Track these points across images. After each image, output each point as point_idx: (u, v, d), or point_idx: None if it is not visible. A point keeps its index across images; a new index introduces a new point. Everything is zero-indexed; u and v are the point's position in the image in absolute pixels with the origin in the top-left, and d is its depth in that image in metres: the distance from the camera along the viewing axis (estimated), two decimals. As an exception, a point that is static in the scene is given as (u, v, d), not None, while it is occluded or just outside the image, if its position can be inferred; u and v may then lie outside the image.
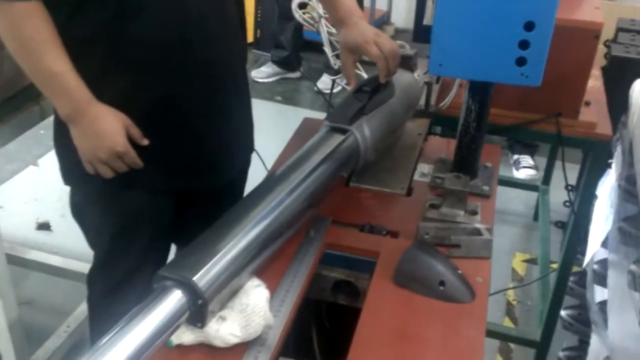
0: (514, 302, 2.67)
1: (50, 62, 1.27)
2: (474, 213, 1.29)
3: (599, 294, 1.96)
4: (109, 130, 1.33)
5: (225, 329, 0.98)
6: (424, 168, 1.49)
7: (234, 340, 0.98)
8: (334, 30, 1.77)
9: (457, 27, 1.15)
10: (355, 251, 1.24)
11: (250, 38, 4.94)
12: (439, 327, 1.08)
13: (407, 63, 1.49)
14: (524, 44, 1.13)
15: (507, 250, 2.94)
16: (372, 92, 1.36)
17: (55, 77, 1.29)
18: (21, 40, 1.26)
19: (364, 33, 1.43)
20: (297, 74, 4.49)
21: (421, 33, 2.29)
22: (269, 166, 1.54)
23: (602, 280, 1.93)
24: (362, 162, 1.32)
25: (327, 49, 1.76)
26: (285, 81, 4.52)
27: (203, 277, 0.93)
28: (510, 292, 2.71)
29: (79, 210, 1.54)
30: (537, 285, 2.61)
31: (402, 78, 1.44)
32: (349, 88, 1.45)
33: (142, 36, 1.31)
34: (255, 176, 1.52)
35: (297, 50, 4.39)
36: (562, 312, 2.27)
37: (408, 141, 1.52)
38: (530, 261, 2.90)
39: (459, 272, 1.15)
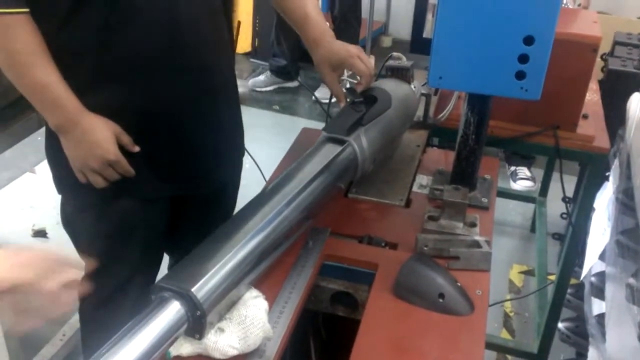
0: (511, 314, 2.67)
1: (39, 74, 1.27)
2: (473, 225, 1.29)
3: (597, 306, 1.96)
4: (101, 139, 1.33)
5: (224, 340, 0.98)
6: (423, 180, 1.49)
7: (233, 352, 0.98)
8: None
9: (458, 40, 1.16)
10: (354, 262, 1.24)
11: (248, 47, 4.95)
12: (439, 340, 1.08)
13: (404, 74, 1.49)
14: (523, 58, 1.14)
15: (505, 262, 2.94)
16: (369, 103, 1.36)
17: (45, 88, 1.28)
18: (9, 52, 1.25)
19: (346, 48, 1.46)
20: (295, 84, 4.49)
21: (418, 44, 2.30)
22: (267, 175, 1.54)
23: (599, 293, 1.93)
24: (360, 173, 1.32)
25: None
26: (283, 90, 4.53)
27: (202, 288, 0.93)
28: (508, 304, 2.70)
29: (70, 219, 1.53)
30: (534, 297, 2.62)
31: (399, 89, 1.45)
32: (341, 105, 1.46)
33: (133, 44, 1.31)
34: (253, 186, 1.52)
35: (295, 60, 4.39)
36: (560, 325, 2.27)
37: (406, 153, 1.52)
38: (528, 273, 2.90)
39: (458, 284, 1.14)
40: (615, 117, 1.95)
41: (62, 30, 1.29)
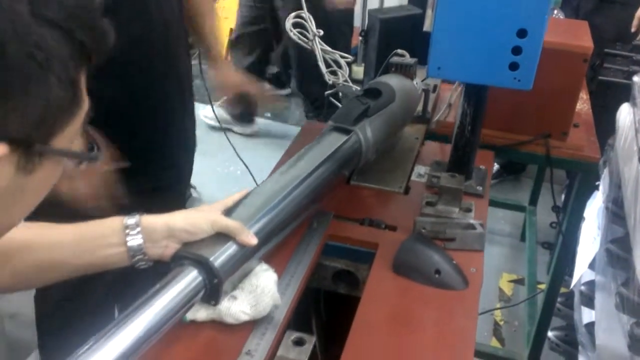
0: (501, 323, 2.69)
1: None
2: (468, 210, 1.35)
3: (587, 315, 1.95)
4: None
5: (237, 307, 1.03)
6: (421, 169, 1.55)
7: (244, 317, 1.03)
8: (328, 48, 1.83)
9: (455, 33, 1.23)
10: (356, 242, 1.29)
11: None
12: (435, 313, 1.13)
13: (407, 71, 1.57)
14: (516, 50, 1.21)
15: (494, 271, 2.95)
16: (374, 96, 1.43)
17: None
18: None
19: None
20: (287, 91, 4.47)
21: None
22: (259, 181, 1.59)
23: (589, 301, 1.92)
24: (363, 162, 1.38)
25: (321, 65, 1.80)
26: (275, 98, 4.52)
27: (219, 258, 0.99)
28: (497, 312, 2.73)
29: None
30: (524, 306, 2.64)
31: (402, 84, 1.52)
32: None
33: (131, 34, 1.40)
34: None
35: (287, 68, 4.30)
36: (550, 333, 2.27)
37: (406, 144, 1.59)
38: (517, 281, 2.93)
39: (454, 262, 1.20)
40: (606, 126, 2.00)
41: None
